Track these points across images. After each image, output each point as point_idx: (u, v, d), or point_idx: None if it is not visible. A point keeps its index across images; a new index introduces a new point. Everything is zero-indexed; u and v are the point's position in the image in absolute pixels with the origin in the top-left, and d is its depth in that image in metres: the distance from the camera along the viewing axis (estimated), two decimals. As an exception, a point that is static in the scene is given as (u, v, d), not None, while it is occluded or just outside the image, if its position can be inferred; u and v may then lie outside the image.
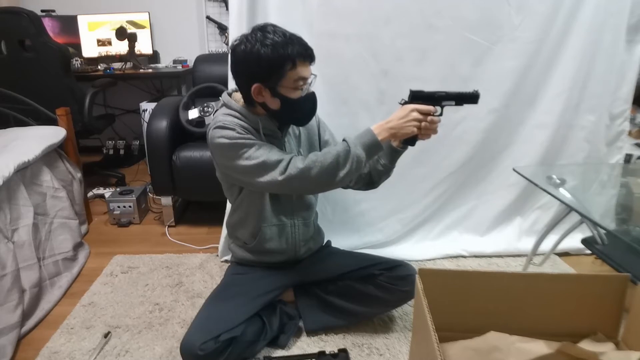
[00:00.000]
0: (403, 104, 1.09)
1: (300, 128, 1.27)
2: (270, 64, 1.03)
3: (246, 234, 1.29)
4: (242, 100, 1.18)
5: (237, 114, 1.14)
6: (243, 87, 1.12)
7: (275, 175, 1.07)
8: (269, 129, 1.17)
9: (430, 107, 1.08)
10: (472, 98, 1.10)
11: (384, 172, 1.25)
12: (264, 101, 1.10)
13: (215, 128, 1.12)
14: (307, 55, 1.06)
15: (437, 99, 1.09)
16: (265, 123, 1.15)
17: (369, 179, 1.28)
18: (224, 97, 1.20)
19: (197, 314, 1.19)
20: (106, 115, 2.77)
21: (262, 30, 1.05)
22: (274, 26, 1.07)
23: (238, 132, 1.09)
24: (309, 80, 1.10)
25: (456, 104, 1.10)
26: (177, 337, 1.30)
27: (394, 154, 1.20)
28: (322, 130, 1.33)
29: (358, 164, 1.06)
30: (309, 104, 1.14)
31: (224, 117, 1.13)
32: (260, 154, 1.08)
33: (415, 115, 1.06)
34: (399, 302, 1.32)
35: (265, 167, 1.07)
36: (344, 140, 1.08)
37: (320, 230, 1.44)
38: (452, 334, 0.92)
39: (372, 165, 1.24)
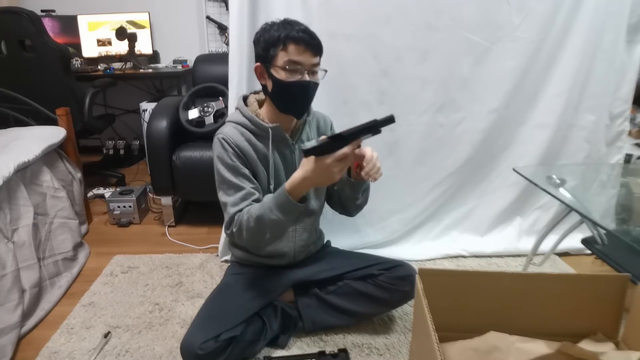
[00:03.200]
0: (305, 156, 0.96)
1: (312, 136, 1.27)
2: (267, 44, 1.09)
3: None
4: (255, 103, 1.21)
5: (246, 122, 1.17)
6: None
7: (226, 219, 1.14)
8: (279, 136, 1.19)
9: (344, 151, 0.94)
10: (382, 124, 0.95)
11: (351, 200, 1.23)
12: (265, 83, 1.15)
13: (217, 135, 1.16)
14: (300, 39, 1.07)
15: (344, 139, 0.94)
16: (276, 131, 1.17)
17: (342, 204, 1.30)
18: (238, 101, 1.23)
19: (197, 314, 1.19)
20: (106, 115, 2.77)
21: (280, 21, 1.11)
22: (292, 20, 1.11)
23: (229, 157, 1.13)
24: (315, 70, 1.11)
25: (373, 134, 0.95)
26: (177, 337, 1.30)
27: (354, 185, 1.18)
28: None
29: (279, 226, 1.06)
30: (299, 90, 1.11)
31: (228, 129, 1.17)
32: (229, 194, 1.13)
33: (335, 168, 0.95)
34: (399, 302, 1.32)
35: (224, 208, 1.14)
36: (263, 200, 1.08)
37: (322, 233, 1.44)
38: (452, 334, 0.92)
39: (339, 191, 1.26)
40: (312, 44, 1.10)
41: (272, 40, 1.08)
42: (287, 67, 1.08)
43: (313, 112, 1.29)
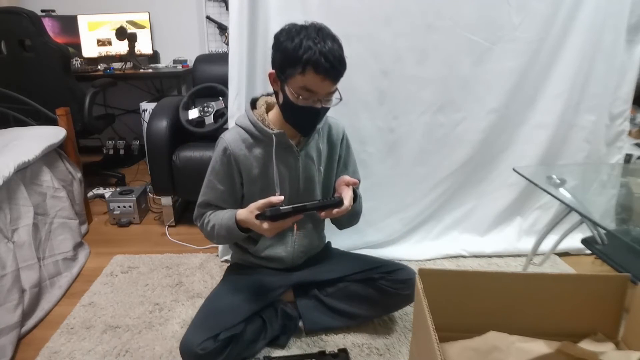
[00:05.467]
0: (256, 217, 1.06)
1: (322, 145, 1.24)
2: (286, 59, 1.02)
3: (244, 240, 1.29)
4: (264, 107, 1.20)
5: (250, 127, 1.17)
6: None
7: (196, 211, 1.24)
8: (283, 143, 1.17)
9: (286, 224, 1.05)
10: (334, 205, 1.06)
11: (335, 221, 1.31)
12: (277, 90, 1.11)
13: (221, 137, 1.19)
14: (321, 67, 0.98)
15: (297, 211, 1.03)
16: (280, 137, 1.15)
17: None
18: (246, 105, 1.22)
19: (196, 313, 1.19)
20: (106, 115, 2.77)
21: (307, 28, 1.02)
22: (321, 29, 1.02)
23: (219, 159, 1.18)
24: (332, 100, 1.07)
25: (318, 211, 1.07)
26: (177, 337, 1.30)
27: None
28: (342, 154, 1.30)
29: (226, 239, 1.23)
30: (307, 115, 1.07)
31: (231, 135, 1.18)
32: (205, 192, 1.21)
33: (266, 227, 1.03)
34: (399, 305, 1.32)
35: (198, 202, 1.23)
36: (224, 213, 1.17)
37: (324, 238, 1.43)
38: (452, 334, 0.92)
39: None
40: (333, 73, 1.01)
41: (292, 59, 0.99)
42: (300, 93, 1.02)
43: (325, 117, 1.24)
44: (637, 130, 2.02)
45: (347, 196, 1.10)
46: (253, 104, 1.23)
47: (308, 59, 0.98)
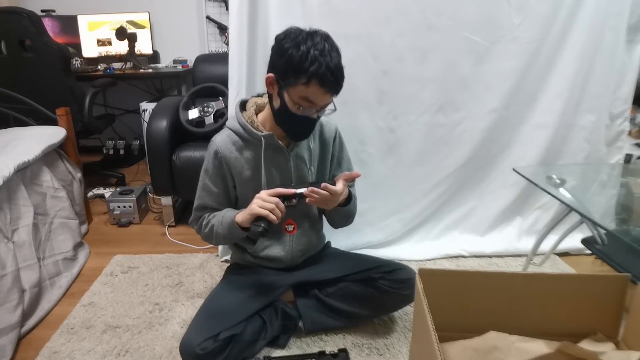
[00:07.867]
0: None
1: (313, 144, 1.24)
2: (290, 67, 1.01)
3: (243, 240, 1.29)
4: (253, 109, 1.20)
5: (239, 130, 1.17)
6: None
7: (192, 215, 1.26)
8: (273, 145, 1.17)
9: (290, 191, 1.10)
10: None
11: (328, 216, 1.32)
12: (272, 94, 1.11)
13: (212, 140, 1.20)
14: (326, 81, 1.00)
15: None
16: (269, 139, 1.15)
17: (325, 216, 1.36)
18: (236, 107, 1.22)
19: (196, 313, 1.19)
20: (106, 115, 2.77)
21: (313, 35, 1.02)
22: (327, 39, 1.03)
23: (212, 169, 1.20)
24: (326, 109, 1.09)
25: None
26: (177, 337, 1.30)
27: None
28: (335, 152, 1.30)
29: (224, 240, 1.23)
30: (302, 124, 1.10)
31: (221, 138, 1.19)
32: (201, 195, 1.23)
33: (265, 196, 1.08)
34: (399, 305, 1.32)
35: (194, 202, 1.25)
36: (223, 213, 1.19)
37: (323, 238, 1.43)
38: (452, 334, 0.92)
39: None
40: (336, 88, 1.04)
41: (297, 68, 0.99)
42: (300, 103, 1.04)
43: None
44: (637, 130, 2.02)
45: (341, 185, 1.12)
46: (243, 106, 1.23)
47: (315, 72, 0.98)
